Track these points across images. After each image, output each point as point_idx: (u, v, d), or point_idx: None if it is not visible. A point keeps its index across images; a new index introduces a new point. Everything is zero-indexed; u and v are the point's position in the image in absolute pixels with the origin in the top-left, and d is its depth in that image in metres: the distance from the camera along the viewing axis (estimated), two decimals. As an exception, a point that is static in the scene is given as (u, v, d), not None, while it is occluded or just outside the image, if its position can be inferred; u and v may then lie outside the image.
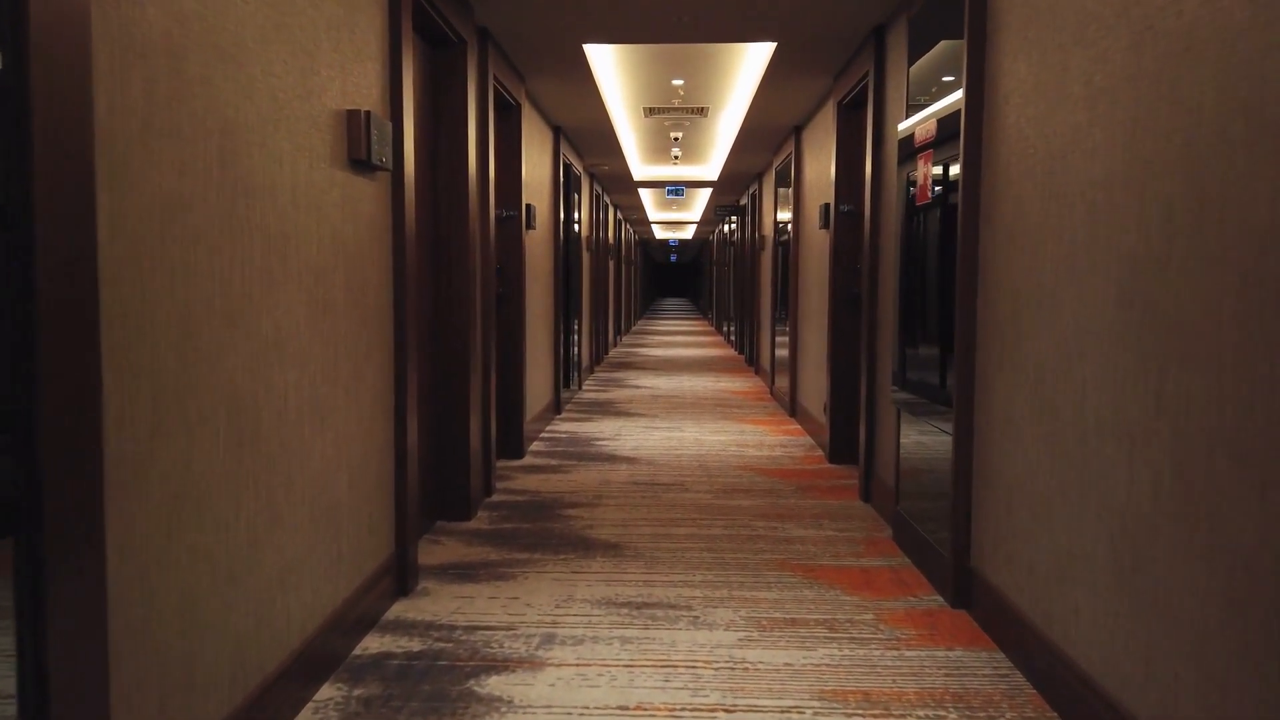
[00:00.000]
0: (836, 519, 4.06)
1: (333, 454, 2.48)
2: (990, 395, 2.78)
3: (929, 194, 3.25)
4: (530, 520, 4.02)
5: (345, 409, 2.57)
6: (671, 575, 3.27)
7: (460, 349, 3.95)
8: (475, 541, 3.69)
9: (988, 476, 2.80)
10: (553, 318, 6.94)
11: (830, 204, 5.34)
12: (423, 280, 3.71)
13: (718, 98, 6.52)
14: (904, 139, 3.60)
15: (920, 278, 3.43)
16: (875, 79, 4.27)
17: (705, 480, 4.81)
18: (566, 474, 4.97)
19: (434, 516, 3.97)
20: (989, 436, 2.79)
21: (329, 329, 2.44)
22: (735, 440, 6.00)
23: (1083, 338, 2.17)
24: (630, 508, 4.23)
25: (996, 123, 2.74)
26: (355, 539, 2.67)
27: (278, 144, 2.11)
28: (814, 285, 6.15)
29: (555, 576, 3.26)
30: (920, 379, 3.40)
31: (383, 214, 2.89)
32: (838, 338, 5.25)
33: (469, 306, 3.96)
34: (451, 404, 3.97)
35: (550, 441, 5.95)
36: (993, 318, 2.76)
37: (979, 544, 2.88)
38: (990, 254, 2.79)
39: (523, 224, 5.29)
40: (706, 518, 4.06)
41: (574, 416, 7.01)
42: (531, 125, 5.91)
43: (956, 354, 2.95)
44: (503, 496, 4.45)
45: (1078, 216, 2.20)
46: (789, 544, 3.66)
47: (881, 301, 4.24)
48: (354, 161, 2.61)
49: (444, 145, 3.90)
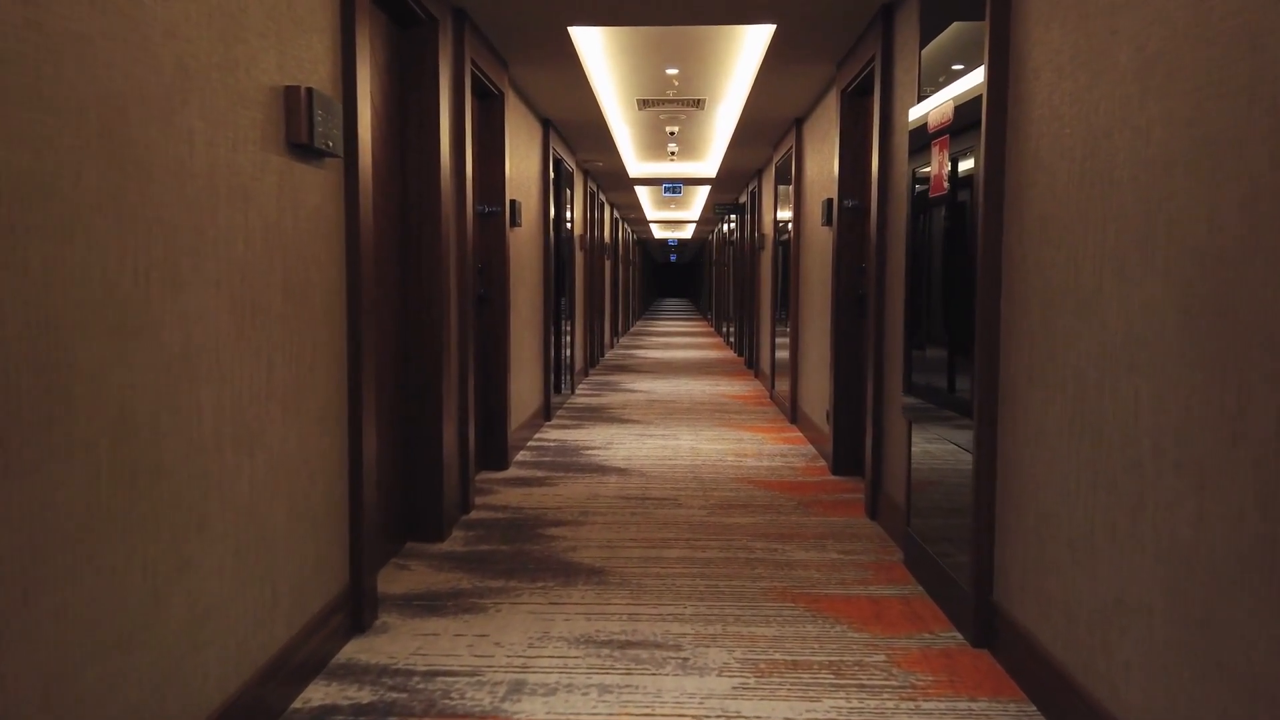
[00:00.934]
0: (841, 539, 3.74)
1: (266, 480, 2.16)
2: (1017, 410, 2.46)
3: (944, 185, 2.93)
4: (509, 541, 3.70)
5: (283, 428, 2.25)
6: (660, 607, 2.95)
7: (433, 354, 3.64)
8: (446, 566, 3.37)
9: (1015, 501, 2.48)
10: (542, 319, 6.62)
11: (833, 199, 5.02)
12: (388, 280, 3.40)
13: (714, 88, 6.20)
14: (915, 129, 3.28)
15: (933, 277, 3.11)
16: (883, 63, 3.95)
17: (700, 495, 4.50)
18: (552, 487, 4.65)
19: (403, 538, 3.65)
20: (1016, 456, 2.47)
21: (261, 337, 2.12)
22: (733, 449, 5.68)
23: (1134, 348, 1.85)
24: (618, 526, 3.91)
25: (1025, 100, 2.42)
26: (297, 575, 2.35)
27: (187, 120, 1.80)
28: (816, 285, 5.83)
29: (531, 609, 2.93)
30: (930, 383, 3.09)
31: (333, 206, 2.57)
32: (841, 341, 4.93)
33: (443, 308, 3.64)
34: (423, 415, 3.65)
35: (537, 450, 5.63)
36: (1020, 322, 2.45)
37: (1004, 576, 2.56)
38: (1016, 250, 2.47)
39: (506, 220, 4.97)
40: (701, 538, 3.74)
41: (565, 423, 6.70)
42: (517, 116, 5.59)
43: (977, 363, 2.63)
44: (481, 513, 4.13)
45: (1127, 204, 1.88)
46: (790, 569, 3.34)
47: (889, 303, 3.92)
48: (294, 145, 2.29)
49: (414, 133, 3.58)
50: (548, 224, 6.67)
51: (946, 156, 2.91)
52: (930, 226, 3.15)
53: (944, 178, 2.93)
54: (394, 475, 3.52)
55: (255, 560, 2.11)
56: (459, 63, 3.96)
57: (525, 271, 5.89)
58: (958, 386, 2.85)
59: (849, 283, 4.89)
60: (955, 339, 2.88)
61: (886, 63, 3.93)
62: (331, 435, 2.57)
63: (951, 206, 2.91)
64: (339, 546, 2.65)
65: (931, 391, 3.10)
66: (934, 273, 3.11)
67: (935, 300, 3.09)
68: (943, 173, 2.95)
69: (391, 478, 3.49)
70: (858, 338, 4.90)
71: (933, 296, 3.12)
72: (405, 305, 3.61)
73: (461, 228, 4.01)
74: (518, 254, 5.56)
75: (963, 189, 2.80)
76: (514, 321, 5.44)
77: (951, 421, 2.90)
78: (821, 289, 5.59)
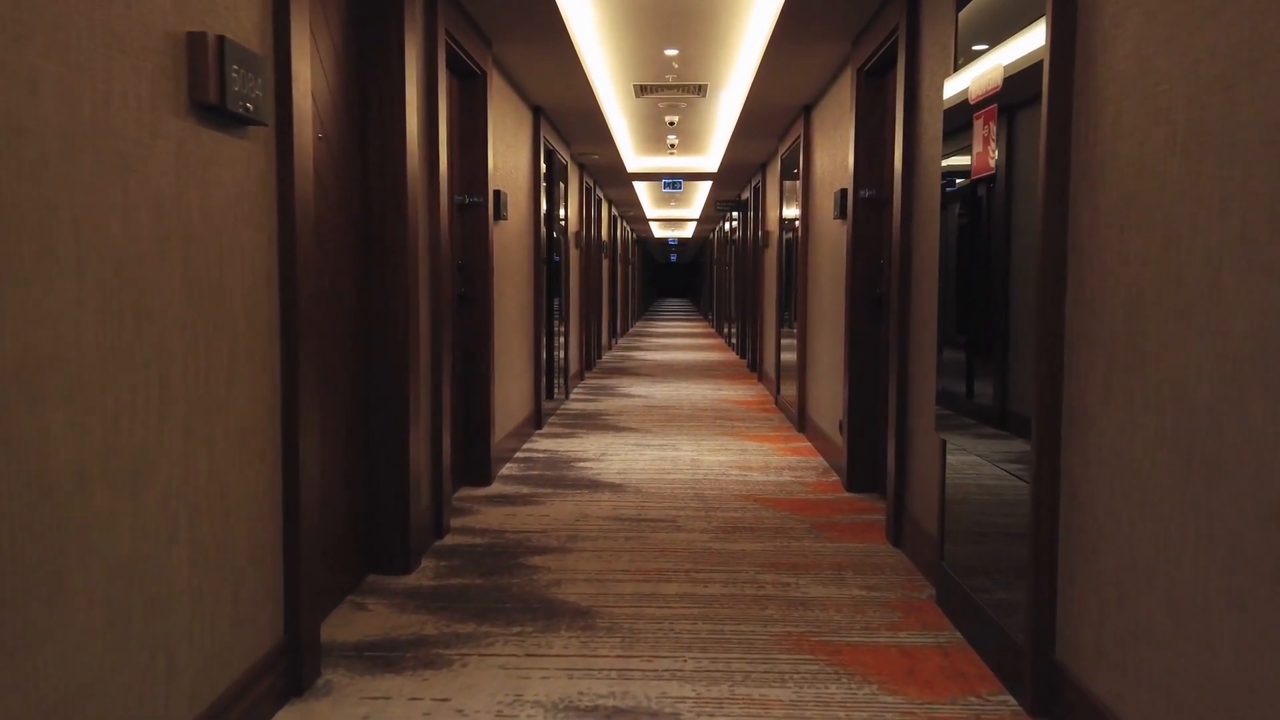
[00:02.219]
0: (863, 570, 3.30)
1: (158, 525, 1.72)
2: (1091, 433, 2.02)
3: (990, 163, 2.49)
4: (485, 572, 3.26)
5: (185, 457, 1.81)
6: (655, 660, 2.51)
7: (398, 359, 3.20)
8: (410, 605, 2.93)
9: (1085, 543, 2.04)
10: (532, 320, 6.19)
11: (848, 190, 4.58)
12: (342, 275, 2.96)
13: (717, 72, 5.76)
14: (952, 104, 2.84)
15: (974, 272, 2.67)
16: (908, 34, 3.51)
17: (702, 515, 4.06)
18: (539, 506, 4.21)
19: (364, 569, 3.21)
20: (1087, 489, 2.03)
21: (149, 344, 1.68)
22: (737, 461, 5.24)
23: (1273, 360, 1.41)
24: (609, 554, 3.47)
25: (1099, 57, 1.98)
26: (207, 636, 1.92)
27: (29, 65, 1.36)
28: (827, 284, 5.39)
29: (503, 663, 2.50)
30: (963, 392, 2.65)
31: (260, 185, 2.13)
32: (856, 344, 4.49)
33: (410, 307, 3.20)
34: (387, 429, 3.21)
35: (525, 463, 5.19)
36: (1093, 326, 2.01)
37: (1070, 632, 2.12)
38: (1087, 239, 2.03)
39: (490, 213, 4.53)
40: (702, 569, 3.30)
41: (557, 431, 6.26)
42: (504, 101, 5.15)
43: (1035, 375, 2.19)
44: (457, 538, 3.69)
45: (1257, 174, 1.44)
46: (805, 609, 2.90)
47: (916, 302, 3.48)
48: (200, 107, 1.85)
49: (376, 109, 3.15)
50: (538, 219, 6.23)
51: (993, 130, 2.47)
52: (972, 214, 2.71)
53: (990, 155, 2.49)
54: (353, 499, 3.08)
55: (141, 626, 1.67)
56: (431, 34, 3.52)
57: (513, 269, 5.45)
58: (994, 396, 2.41)
59: (865, 281, 4.45)
60: (995, 343, 2.44)
61: (912, 33, 3.49)
62: (259, 462, 2.13)
63: (998, 189, 2.47)
64: (269, 595, 2.21)
65: (972, 405, 2.66)
66: (975, 267, 2.68)
67: (976, 299, 2.65)
68: (988, 149, 2.51)
69: (350, 503, 3.05)
70: (875, 341, 4.46)
71: (973, 295, 2.68)
72: (366, 304, 3.17)
73: (435, 219, 3.58)
74: (504, 250, 5.12)
75: (1020, 163, 2.36)
76: (499, 323, 5.00)
77: (989, 435, 2.46)
78: (833, 288, 5.16)
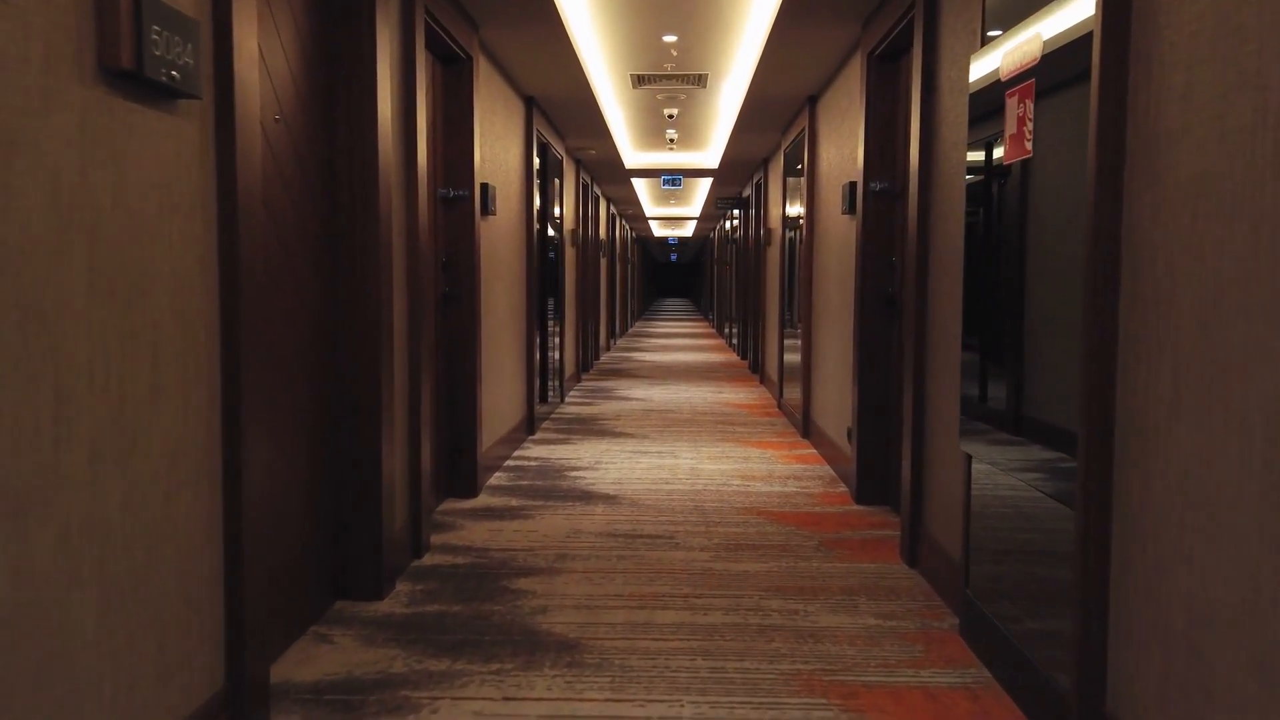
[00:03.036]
0: (876, 595, 3.02)
1: (53, 567, 1.45)
2: (1154, 454, 1.74)
3: (1026, 145, 2.22)
4: (465, 598, 2.98)
5: (91, 485, 1.54)
6: (649, 704, 2.24)
7: (369, 364, 2.92)
8: (380, 637, 2.66)
9: (1148, 585, 1.77)
10: (525, 321, 5.91)
11: (857, 183, 4.30)
12: (304, 272, 2.68)
13: (718, 61, 5.49)
14: (978, 91, 2.56)
15: (990, 268, 2.40)
16: (925, 11, 3.23)
17: (702, 530, 3.78)
18: (527, 520, 3.94)
19: (332, 595, 2.93)
20: (1150, 521, 1.76)
21: (38, 354, 1.41)
22: (739, 470, 4.96)
23: None
24: (601, 576, 3.20)
25: (1166, 13, 1.70)
26: (120, 696, 1.64)
27: None
28: (834, 283, 5.11)
29: (478, 708, 2.22)
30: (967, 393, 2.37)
31: (195, 168, 1.86)
32: (866, 347, 4.21)
33: (382, 307, 2.92)
34: (358, 441, 2.94)
35: (515, 472, 4.92)
36: (1157, 329, 1.73)
37: (1125, 684, 1.84)
38: (1150, 229, 1.76)
39: (476, 207, 4.26)
40: (702, 593, 3.02)
41: (550, 437, 5.98)
42: (492, 89, 4.88)
43: (1082, 385, 1.91)
44: (437, 557, 3.42)
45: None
46: (816, 642, 2.62)
47: (935, 302, 3.20)
48: (112, 74, 1.58)
49: (345, 90, 2.87)
50: (531, 215, 5.95)
51: (1030, 108, 2.19)
52: (1002, 204, 2.43)
53: (1025, 137, 2.22)
54: (319, 519, 2.81)
55: (32, 693, 1.40)
56: (409, 11, 3.24)
57: (503, 267, 5.17)
58: (1008, 400, 2.14)
59: (876, 279, 4.18)
60: (1009, 344, 2.16)
61: (930, 11, 3.22)
62: (193, 485, 1.86)
63: (1013, 180, 2.20)
64: (206, 639, 1.93)
65: (984, 409, 2.39)
66: (988, 263, 2.40)
67: (989, 297, 2.38)
68: (1023, 130, 2.23)
69: (315, 522, 2.78)
70: (887, 344, 4.18)
71: (986, 293, 2.41)
72: (334, 303, 2.89)
73: (413, 211, 3.30)
74: (493, 247, 4.84)
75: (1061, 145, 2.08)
76: (488, 323, 4.72)
77: (1004, 441, 2.19)
78: (841, 287, 4.88)
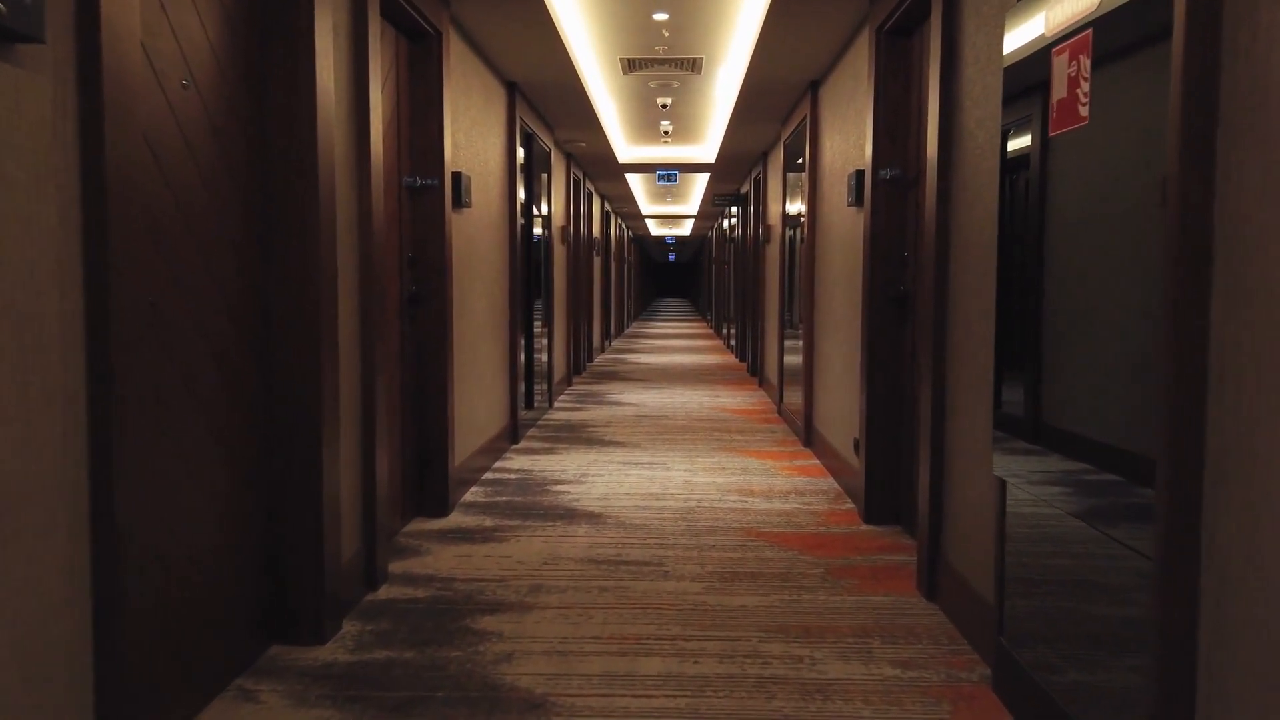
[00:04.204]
0: (893, 636, 2.64)
1: None
2: (1263, 489, 1.36)
3: (1082, 111, 1.83)
4: (420, 642, 2.59)
5: None
6: (626, 784, 1.86)
7: (306, 373, 2.53)
8: (314, 695, 2.27)
9: (1255, 651, 1.38)
10: (507, 323, 5.53)
11: (865, 171, 3.92)
12: (220, 264, 2.29)
13: (713, 43, 5.11)
14: (1016, 64, 2.18)
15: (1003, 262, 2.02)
16: (944, -30, 2.86)
17: (695, 555, 3.39)
18: (501, 543, 3.55)
19: (266, 638, 2.55)
20: (1259, 571, 1.37)
21: None
22: (736, 484, 4.58)
23: None
24: (579, 613, 2.81)
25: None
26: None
27: None
28: (839, 281, 4.73)
29: (417, 792, 1.84)
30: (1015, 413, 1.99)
31: (42, 135, 1.47)
32: (876, 351, 3.83)
33: (320, 305, 2.54)
34: (293, 458, 2.55)
35: (494, 486, 4.53)
36: (1268, 334, 1.35)
37: (1218, 778, 1.46)
38: (1255, 204, 1.37)
39: (447, 198, 3.87)
40: (693, 635, 2.64)
41: (535, 447, 5.59)
42: (469, 72, 4.49)
43: (1164, 402, 1.53)
44: (395, 589, 3.03)
45: None
46: (825, 699, 2.24)
47: (956, 301, 2.82)
48: (-101, -5, 1.19)
49: (280, 55, 2.48)
50: (514, 210, 5.57)
51: (1086, 65, 1.81)
52: (1047, 185, 2.04)
53: (1080, 100, 1.83)
54: (247, 550, 2.42)
55: None
56: (360, -29, 2.86)
57: (482, 265, 4.79)
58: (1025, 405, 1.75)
59: (885, 277, 3.79)
60: (1027, 345, 1.78)
61: (950, -30, 2.84)
62: (43, 536, 1.47)
63: (1031, 169, 1.82)
64: (71, 713, 1.55)
65: (999, 415, 2.00)
66: (1001, 257, 2.02)
67: (1003, 294, 2.00)
68: (1076, 93, 1.84)
69: (242, 555, 2.39)
70: (898, 347, 3.80)
71: (1000, 289, 2.03)
72: (263, 301, 2.51)
73: (366, 199, 2.92)
74: (469, 243, 4.46)
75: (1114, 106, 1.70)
76: (463, 326, 4.34)
77: (1020, 451, 1.80)
78: (846, 285, 4.50)
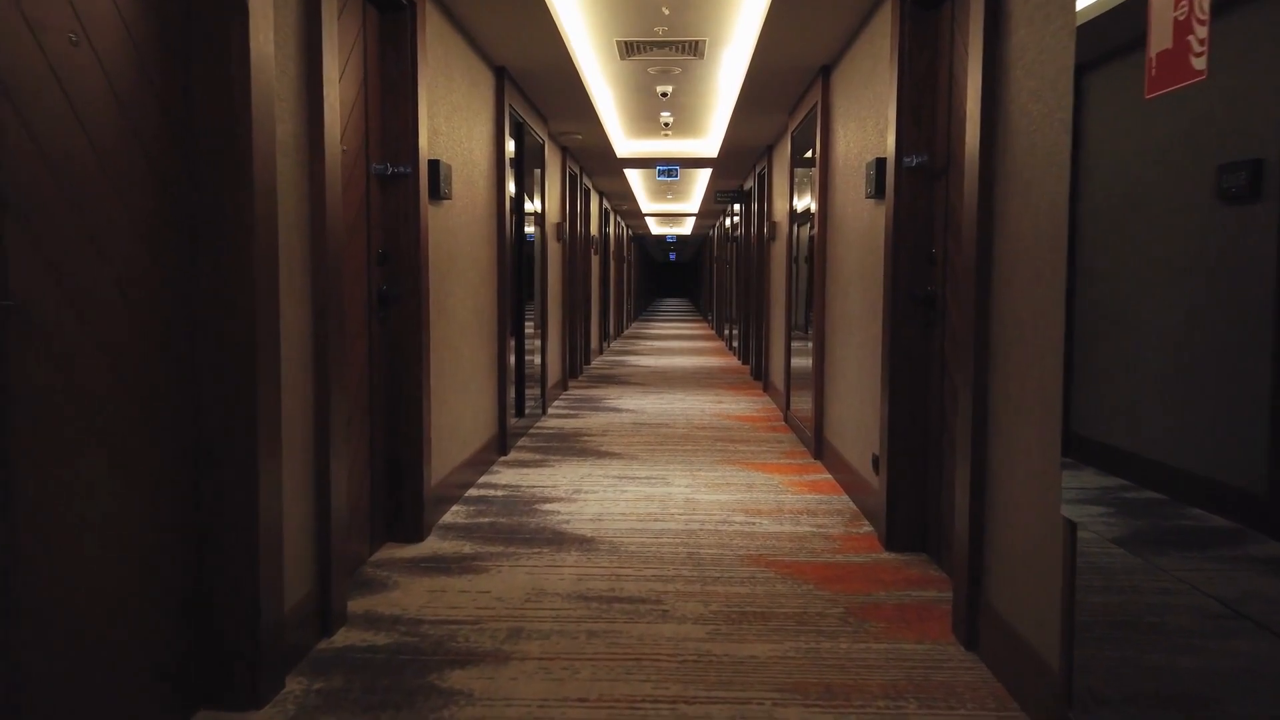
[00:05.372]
0: (931, 699, 2.25)
1: None
2: None
3: (1193, 64, 1.44)
4: (372, 706, 2.20)
5: None
6: None
7: (237, 379, 2.14)
8: (239, 777, 1.88)
9: None
10: (495, 325, 5.13)
11: (887, 160, 3.53)
12: (127, 261, 1.90)
13: (716, 24, 4.71)
14: (1089, 22, 1.79)
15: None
16: (988, -78, 2.46)
17: (697, 590, 3.00)
18: (480, 575, 3.16)
19: (191, 702, 2.15)
20: None
21: None
22: (742, 502, 4.18)
23: None
24: (563, 665, 2.42)
25: None
26: None
27: None
28: (854, 280, 4.34)
29: None
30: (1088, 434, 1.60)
31: None
32: (899, 357, 3.44)
33: (257, 306, 2.15)
34: (223, 483, 2.16)
35: (477, 505, 4.14)
36: None
37: None
38: None
39: (422, 188, 3.48)
40: (696, 694, 2.25)
41: (525, 458, 5.20)
42: (450, 52, 4.10)
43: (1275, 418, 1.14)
44: (354, 634, 2.64)
45: None
46: (856, 786, 1.85)
47: (1002, 300, 2.43)
48: None
49: (200, 6, 2.09)
50: (504, 205, 5.18)
51: (1203, 5, 1.41)
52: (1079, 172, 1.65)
53: (1192, 50, 1.44)
54: (164, 596, 2.03)
55: None
56: (312, -79, 2.47)
57: (465, 262, 4.40)
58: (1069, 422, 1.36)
59: (911, 275, 3.40)
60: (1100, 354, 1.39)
61: (995, -80, 2.44)
62: None
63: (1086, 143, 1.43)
64: None
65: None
66: (1087, 247, 1.63)
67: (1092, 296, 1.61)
68: (1187, 41, 1.45)
69: (156, 602, 2.00)
70: (925, 353, 3.41)
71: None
72: (186, 302, 2.12)
73: (318, 186, 2.53)
74: (450, 238, 4.07)
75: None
76: (443, 328, 3.95)
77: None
78: (862, 284, 4.11)
